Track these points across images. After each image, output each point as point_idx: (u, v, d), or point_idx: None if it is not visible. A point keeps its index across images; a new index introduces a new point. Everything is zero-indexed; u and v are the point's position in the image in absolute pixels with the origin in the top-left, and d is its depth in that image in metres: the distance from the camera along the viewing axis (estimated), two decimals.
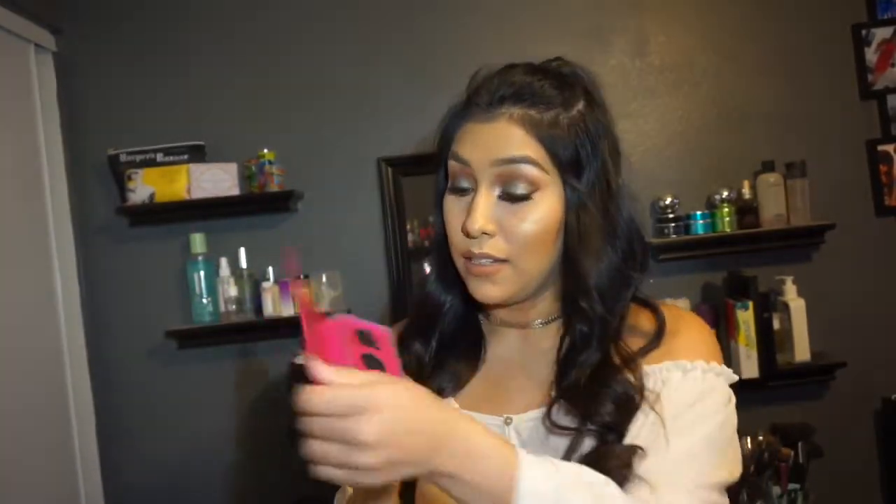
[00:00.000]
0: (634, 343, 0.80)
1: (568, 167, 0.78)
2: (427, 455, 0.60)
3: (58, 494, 2.03)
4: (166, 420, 2.23)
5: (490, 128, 0.78)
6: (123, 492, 2.21)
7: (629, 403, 0.75)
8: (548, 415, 0.77)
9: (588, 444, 0.75)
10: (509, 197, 0.77)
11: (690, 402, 0.75)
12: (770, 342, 2.07)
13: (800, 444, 2.02)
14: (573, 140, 0.78)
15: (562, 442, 0.76)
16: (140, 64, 2.24)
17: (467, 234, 0.78)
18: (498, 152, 0.77)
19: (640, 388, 0.76)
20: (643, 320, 0.82)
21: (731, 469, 0.75)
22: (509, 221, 0.77)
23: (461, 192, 0.81)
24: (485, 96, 0.80)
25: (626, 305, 0.81)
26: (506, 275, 0.78)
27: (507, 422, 0.81)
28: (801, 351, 2.08)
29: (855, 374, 2.15)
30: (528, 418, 0.81)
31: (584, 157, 0.79)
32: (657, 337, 0.80)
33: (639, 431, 0.74)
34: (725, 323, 2.12)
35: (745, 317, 2.06)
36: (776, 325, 2.11)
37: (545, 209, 0.77)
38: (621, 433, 0.74)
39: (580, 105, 0.80)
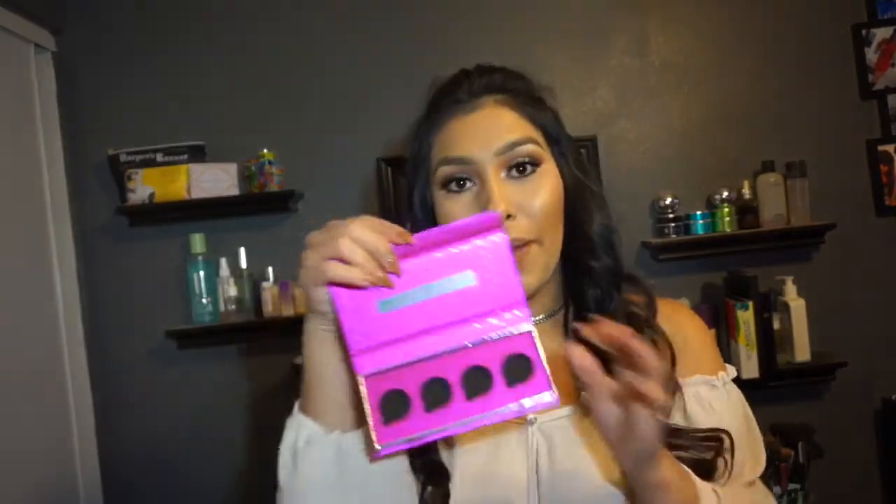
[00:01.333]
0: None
1: (555, 140, 0.83)
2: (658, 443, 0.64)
3: (57, 494, 2.03)
4: (166, 420, 2.23)
5: (478, 116, 0.80)
6: (123, 491, 2.21)
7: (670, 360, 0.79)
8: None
9: None
10: (519, 175, 0.78)
11: (723, 415, 0.78)
12: (770, 342, 2.07)
13: (800, 444, 2.02)
14: (550, 116, 0.84)
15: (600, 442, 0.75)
16: (140, 64, 2.24)
17: None
18: (498, 140, 0.78)
19: (667, 343, 0.80)
20: (632, 295, 0.85)
21: (761, 460, 0.81)
22: (525, 199, 0.78)
23: (459, 189, 0.80)
24: (464, 90, 0.81)
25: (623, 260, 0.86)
26: (534, 256, 0.78)
27: (531, 422, 0.79)
28: (801, 351, 2.08)
29: (855, 374, 2.15)
30: (554, 417, 0.79)
31: (560, 131, 0.84)
32: (650, 308, 0.83)
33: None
34: (725, 323, 2.12)
35: (745, 317, 2.06)
36: (776, 325, 2.11)
37: (552, 180, 0.80)
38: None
39: (539, 93, 0.86)
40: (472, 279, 0.65)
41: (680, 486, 0.67)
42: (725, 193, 2.17)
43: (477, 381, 0.62)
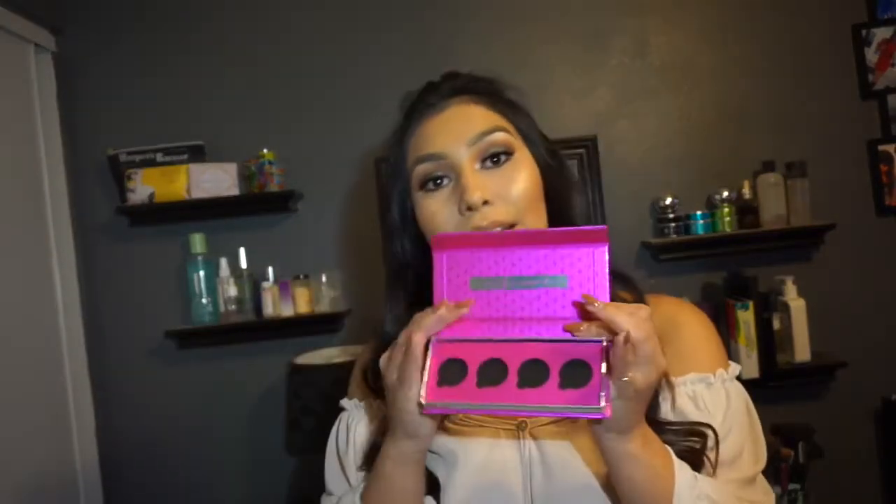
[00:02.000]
0: None
1: (527, 131, 0.84)
2: (640, 417, 0.66)
3: (58, 494, 2.03)
4: (166, 420, 2.23)
5: (448, 114, 0.81)
6: (123, 491, 2.21)
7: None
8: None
9: None
10: (493, 163, 0.79)
11: (722, 416, 0.78)
12: (770, 342, 2.07)
13: (800, 444, 2.02)
14: (517, 110, 0.85)
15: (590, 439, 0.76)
16: (140, 64, 2.24)
17: (470, 208, 0.76)
18: (469, 131, 0.79)
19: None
20: (619, 292, 0.83)
21: (762, 457, 0.80)
22: (501, 186, 0.78)
23: (436, 187, 0.80)
24: (434, 95, 0.83)
25: None
26: None
27: (521, 426, 0.80)
28: (801, 351, 2.08)
29: (855, 374, 2.15)
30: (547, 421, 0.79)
31: (529, 123, 0.85)
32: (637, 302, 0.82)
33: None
34: (725, 323, 2.12)
35: (745, 317, 2.06)
36: (776, 325, 2.11)
37: (528, 166, 0.81)
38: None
39: (507, 92, 0.86)
40: (564, 282, 0.67)
41: (651, 461, 0.67)
42: (725, 193, 2.17)
43: (533, 373, 0.63)
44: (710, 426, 0.76)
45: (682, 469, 0.70)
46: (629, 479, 0.68)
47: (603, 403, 0.60)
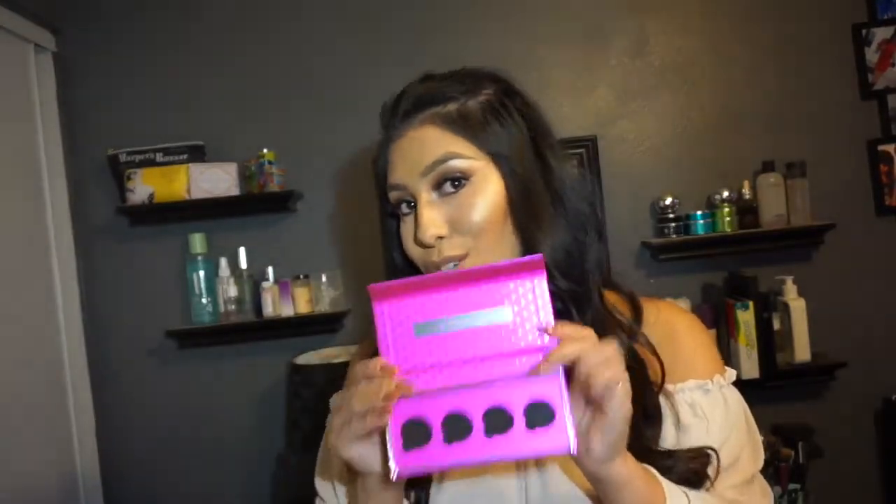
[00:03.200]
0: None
1: (494, 146, 0.77)
2: (623, 443, 0.64)
3: (58, 494, 2.03)
4: (166, 420, 2.23)
5: (405, 140, 0.78)
6: (123, 491, 2.21)
7: (637, 367, 0.76)
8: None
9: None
10: (447, 191, 0.76)
11: (720, 422, 0.78)
12: (770, 342, 2.07)
13: (800, 444, 2.02)
14: (487, 118, 0.78)
15: None
16: (140, 64, 2.24)
17: (422, 245, 0.77)
18: (421, 161, 0.76)
19: (651, 349, 0.78)
20: (618, 304, 0.82)
21: (759, 458, 0.80)
22: (457, 215, 0.76)
23: (406, 213, 0.80)
24: (391, 117, 0.81)
25: (597, 280, 0.80)
26: (471, 265, 0.77)
27: None
28: (801, 351, 2.08)
29: (855, 374, 2.15)
30: None
31: (505, 133, 0.78)
32: (637, 315, 0.81)
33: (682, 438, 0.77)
34: (725, 323, 2.12)
35: (745, 317, 2.06)
36: (776, 325, 2.11)
37: (486, 191, 0.76)
38: (643, 406, 0.74)
39: (488, 89, 0.80)
40: (508, 315, 0.66)
41: (641, 485, 0.67)
42: (725, 193, 2.17)
43: (498, 418, 0.63)
44: (713, 449, 0.75)
45: (672, 495, 0.69)
46: None
47: (571, 441, 0.61)
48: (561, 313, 0.75)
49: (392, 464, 0.63)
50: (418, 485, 0.78)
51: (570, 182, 0.80)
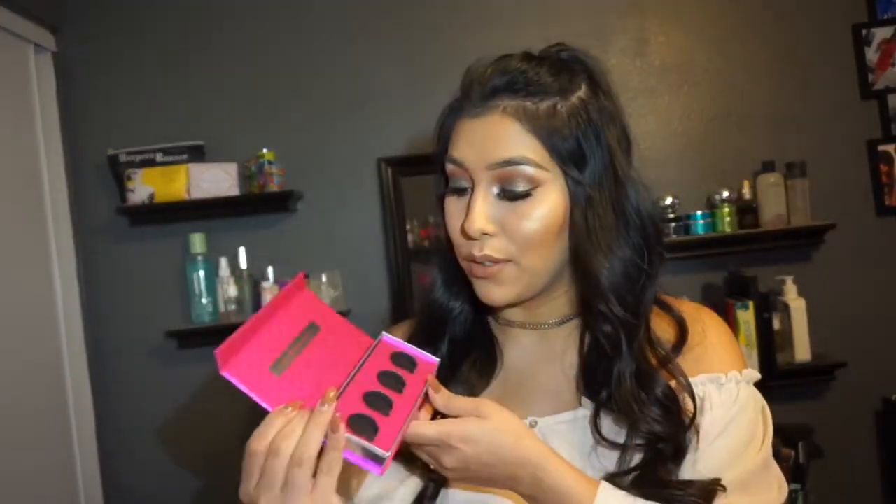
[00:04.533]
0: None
1: (569, 160, 0.73)
2: (504, 483, 0.70)
3: (57, 494, 2.03)
4: (166, 420, 2.23)
5: (483, 123, 0.74)
6: (123, 492, 2.21)
7: (675, 406, 0.73)
8: (593, 424, 0.75)
9: (637, 457, 0.74)
10: (508, 196, 0.74)
11: (729, 419, 0.75)
12: (770, 342, 2.07)
13: (800, 444, 2.02)
14: (573, 130, 0.73)
15: (604, 451, 0.75)
16: (140, 64, 2.24)
17: (467, 237, 0.75)
18: (493, 154, 0.73)
19: (689, 390, 0.75)
20: (659, 321, 0.80)
21: (766, 451, 0.76)
22: (510, 220, 0.73)
23: (460, 191, 0.77)
24: (477, 89, 0.76)
25: (650, 306, 0.78)
26: (509, 274, 0.75)
27: (532, 425, 0.79)
28: (801, 351, 2.08)
29: (855, 374, 2.15)
30: (558, 422, 0.79)
31: (586, 148, 0.74)
32: (681, 340, 0.79)
33: (698, 458, 0.74)
34: (726, 323, 2.12)
35: (745, 317, 2.06)
36: (776, 325, 2.11)
37: (547, 206, 0.73)
38: (676, 444, 0.73)
39: (581, 92, 0.76)
40: (317, 329, 0.74)
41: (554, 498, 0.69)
42: (725, 193, 2.17)
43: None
44: (719, 482, 0.71)
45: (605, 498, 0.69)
46: None
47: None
48: (610, 340, 0.75)
49: (381, 452, 0.62)
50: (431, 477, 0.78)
51: (642, 205, 0.77)
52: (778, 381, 2.08)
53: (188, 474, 2.23)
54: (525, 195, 0.73)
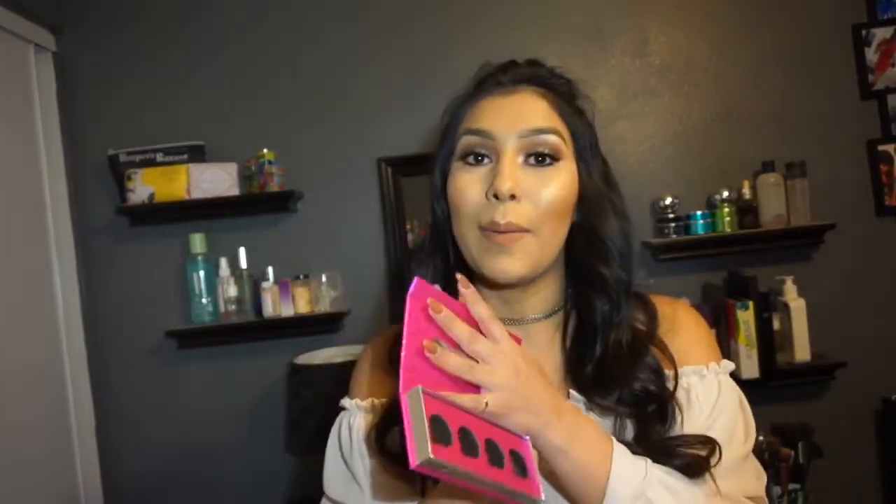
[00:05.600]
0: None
1: (582, 147, 0.83)
2: (547, 415, 0.68)
3: (57, 494, 2.03)
4: (166, 420, 2.23)
5: (514, 99, 0.81)
6: (123, 491, 2.21)
7: (661, 372, 0.80)
8: (586, 395, 0.79)
9: (630, 428, 0.78)
10: (536, 160, 0.79)
11: (712, 409, 0.80)
12: (770, 342, 2.07)
13: (800, 444, 2.02)
14: (583, 122, 0.84)
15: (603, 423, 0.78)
16: (140, 64, 2.24)
17: (496, 196, 0.76)
18: (526, 122, 0.79)
19: (671, 360, 0.81)
20: (635, 313, 0.85)
21: (751, 436, 0.81)
22: (534, 187, 0.78)
23: (476, 163, 0.80)
24: (507, 76, 0.83)
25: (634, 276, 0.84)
26: (526, 245, 0.77)
27: None
28: (801, 351, 2.08)
29: (855, 374, 2.15)
30: None
31: (589, 140, 0.84)
32: (653, 325, 0.84)
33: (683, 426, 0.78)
34: (725, 323, 2.12)
35: (745, 317, 2.06)
36: (776, 325, 2.11)
37: (567, 177, 0.80)
38: (663, 407, 0.77)
39: (579, 100, 0.87)
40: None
41: (579, 455, 0.69)
42: (725, 193, 2.17)
43: (494, 451, 0.65)
44: (713, 440, 0.76)
45: (624, 465, 0.70)
46: (557, 473, 0.71)
47: (543, 497, 0.66)
48: (609, 304, 0.82)
49: (429, 451, 0.59)
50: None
51: (614, 178, 0.88)
52: (778, 381, 2.08)
53: (188, 474, 2.23)
54: (551, 164, 0.79)
